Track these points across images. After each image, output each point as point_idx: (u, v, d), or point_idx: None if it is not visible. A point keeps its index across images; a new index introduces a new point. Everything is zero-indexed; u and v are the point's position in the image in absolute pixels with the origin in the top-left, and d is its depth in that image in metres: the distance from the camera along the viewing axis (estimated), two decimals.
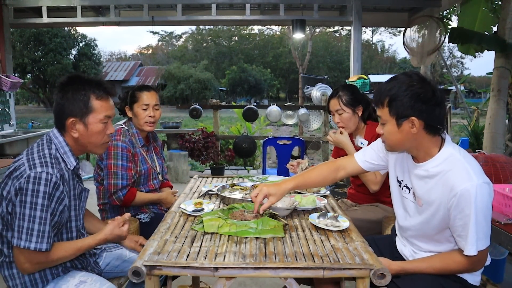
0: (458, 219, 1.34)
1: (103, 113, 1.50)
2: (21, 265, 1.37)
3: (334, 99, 2.25)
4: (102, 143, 1.56)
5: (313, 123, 5.74)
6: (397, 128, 1.39)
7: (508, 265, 2.79)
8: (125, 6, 6.13)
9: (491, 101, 4.12)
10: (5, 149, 4.73)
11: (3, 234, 1.44)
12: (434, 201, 1.41)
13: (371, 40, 35.55)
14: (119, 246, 1.85)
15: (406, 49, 5.27)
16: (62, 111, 1.47)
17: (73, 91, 1.46)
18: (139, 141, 2.25)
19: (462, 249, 1.36)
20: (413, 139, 1.40)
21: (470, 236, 1.31)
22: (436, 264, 1.43)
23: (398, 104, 1.36)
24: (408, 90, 1.35)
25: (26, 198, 1.33)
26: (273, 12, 6.30)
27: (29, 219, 1.33)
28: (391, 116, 1.39)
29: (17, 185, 1.35)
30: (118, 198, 2.10)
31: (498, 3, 4.59)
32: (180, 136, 5.83)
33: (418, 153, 1.45)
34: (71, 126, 1.48)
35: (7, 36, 5.65)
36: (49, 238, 1.36)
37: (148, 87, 2.28)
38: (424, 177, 1.45)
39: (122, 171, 2.09)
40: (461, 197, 1.31)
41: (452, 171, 1.35)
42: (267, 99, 31.13)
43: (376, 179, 2.08)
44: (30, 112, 23.55)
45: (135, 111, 2.23)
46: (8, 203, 1.38)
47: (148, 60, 38.04)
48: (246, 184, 2.20)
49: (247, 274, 1.26)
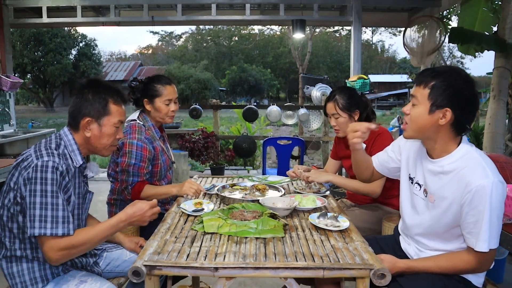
0: (471, 216, 1.34)
1: (117, 118, 1.57)
2: (45, 254, 1.37)
3: (330, 103, 2.22)
4: (110, 146, 1.60)
5: (313, 123, 5.74)
6: (427, 114, 1.40)
7: (508, 265, 2.79)
8: (125, 6, 6.12)
9: (491, 101, 4.12)
10: (5, 149, 4.74)
11: (8, 225, 1.45)
12: (447, 197, 1.42)
13: (371, 40, 35.59)
14: (119, 246, 1.86)
15: (406, 49, 5.27)
16: (79, 110, 1.52)
17: (93, 93, 1.53)
18: (156, 134, 2.21)
19: (472, 246, 1.35)
20: (437, 130, 1.41)
21: (483, 233, 1.31)
22: (443, 263, 1.43)
23: (440, 92, 1.37)
24: (455, 83, 1.37)
25: (35, 187, 1.35)
26: (273, 12, 6.30)
27: (41, 207, 1.34)
28: (429, 100, 1.39)
29: (25, 175, 1.37)
30: (128, 192, 2.07)
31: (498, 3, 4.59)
32: (180, 136, 5.83)
33: (435, 146, 1.45)
34: (86, 125, 1.53)
35: (7, 36, 5.65)
36: (64, 223, 1.36)
37: (168, 80, 2.21)
38: (438, 173, 1.45)
39: (134, 170, 2.04)
40: (476, 193, 1.31)
41: (468, 167, 1.37)
42: (267, 99, 31.13)
43: (371, 188, 2.08)
44: (30, 112, 23.56)
45: (157, 106, 2.16)
46: (16, 194, 1.40)
47: (148, 60, 38.05)
48: (246, 184, 2.20)
49: (247, 274, 1.26)
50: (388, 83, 32.69)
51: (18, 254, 1.46)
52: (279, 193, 2.02)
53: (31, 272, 1.47)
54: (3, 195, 1.46)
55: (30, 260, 1.47)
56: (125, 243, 1.85)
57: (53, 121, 18.16)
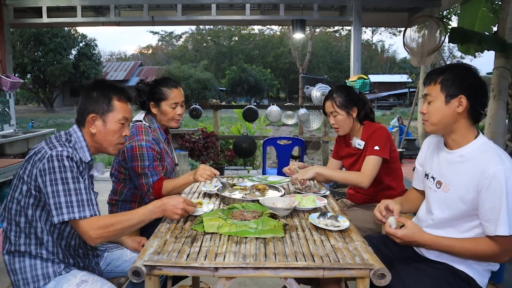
0: (488, 202, 1.36)
1: (121, 114, 1.60)
2: (84, 236, 1.40)
3: (328, 101, 2.25)
4: (116, 144, 1.63)
5: (313, 123, 5.74)
6: (444, 105, 1.47)
7: (508, 265, 2.79)
8: (125, 6, 6.12)
9: (491, 101, 4.12)
10: (5, 149, 4.73)
11: (16, 219, 1.47)
12: (464, 185, 1.44)
13: (371, 40, 35.60)
14: (120, 246, 1.86)
15: (406, 49, 5.26)
16: (85, 107, 1.57)
17: (98, 92, 1.59)
18: (161, 136, 2.19)
19: (491, 234, 1.36)
20: (456, 120, 1.47)
21: (502, 217, 1.33)
22: (467, 244, 1.43)
23: (451, 82, 1.46)
24: (462, 73, 1.46)
25: (55, 175, 1.38)
26: (273, 12, 6.30)
27: (65, 194, 1.38)
28: (442, 93, 1.47)
29: (40, 166, 1.40)
30: (150, 193, 2.04)
31: (498, 3, 4.59)
32: (180, 136, 5.83)
33: (454, 137, 1.51)
34: (91, 121, 1.57)
35: (7, 36, 5.64)
36: (90, 206, 1.40)
37: (175, 83, 2.18)
38: (456, 162, 1.50)
39: (150, 170, 2.02)
40: (494, 178, 1.34)
41: (484, 156, 1.41)
42: (267, 99, 31.13)
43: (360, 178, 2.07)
44: (30, 112, 23.56)
45: (163, 109, 2.14)
46: (29, 186, 1.42)
47: (148, 60, 38.05)
48: (246, 184, 2.20)
49: (247, 274, 1.26)
50: (388, 83, 32.72)
51: (22, 249, 1.48)
52: (279, 193, 2.03)
53: (33, 269, 1.48)
54: (12, 189, 1.48)
55: (33, 257, 1.48)
56: (127, 242, 1.85)
57: (53, 121, 18.16)
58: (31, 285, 1.48)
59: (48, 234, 1.49)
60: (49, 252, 1.50)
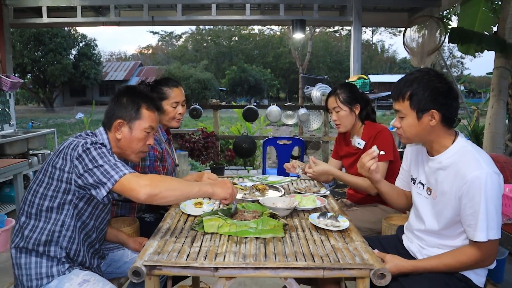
0: (469, 207, 1.36)
1: (148, 123, 1.62)
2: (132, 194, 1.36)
3: (332, 97, 2.27)
4: (139, 152, 1.65)
5: (313, 123, 5.74)
6: (417, 121, 1.46)
7: (508, 265, 2.79)
8: (125, 6, 6.12)
9: (491, 101, 4.12)
10: (5, 149, 4.72)
11: (36, 216, 1.48)
12: (447, 191, 1.44)
13: (371, 40, 35.60)
14: (121, 247, 1.86)
15: (406, 49, 5.27)
16: (113, 112, 1.60)
17: (128, 98, 1.61)
18: (163, 136, 2.20)
19: (472, 239, 1.36)
20: (431, 131, 1.46)
21: (480, 223, 1.32)
22: (447, 260, 1.43)
23: (420, 98, 1.43)
24: (428, 84, 1.42)
25: (92, 154, 1.41)
26: (273, 12, 6.30)
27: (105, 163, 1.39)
28: (412, 110, 1.45)
29: (76, 154, 1.42)
30: None
31: (498, 3, 4.59)
32: (180, 136, 5.83)
33: (433, 145, 1.50)
34: (118, 127, 1.59)
35: (7, 36, 5.64)
36: (125, 167, 1.41)
37: (175, 82, 2.20)
38: (438, 169, 1.49)
39: (151, 170, 2.04)
40: (472, 184, 1.34)
41: (463, 161, 1.40)
42: (267, 99, 31.14)
43: (365, 183, 2.09)
44: (30, 112, 23.54)
45: (164, 108, 2.15)
46: (61, 177, 1.43)
47: (148, 60, 38.07)
48: (246, 184, 2.20)
49: (247, 274, 1.26)
50: (388, 83, 32.65)
51: (30, 247, 1.48)
52: (279, 193, 2.02)
53: (38, 267, 1.49)
54: (37, 184, 1.48)
55: (40, 255, 1.49)
56: (129, 243, 1.85)
57: (53, 121, 18.15)
58: (34, 282, 1.49)
59: (69, 228, 1.49)
60: (57, 250, 1.50)
